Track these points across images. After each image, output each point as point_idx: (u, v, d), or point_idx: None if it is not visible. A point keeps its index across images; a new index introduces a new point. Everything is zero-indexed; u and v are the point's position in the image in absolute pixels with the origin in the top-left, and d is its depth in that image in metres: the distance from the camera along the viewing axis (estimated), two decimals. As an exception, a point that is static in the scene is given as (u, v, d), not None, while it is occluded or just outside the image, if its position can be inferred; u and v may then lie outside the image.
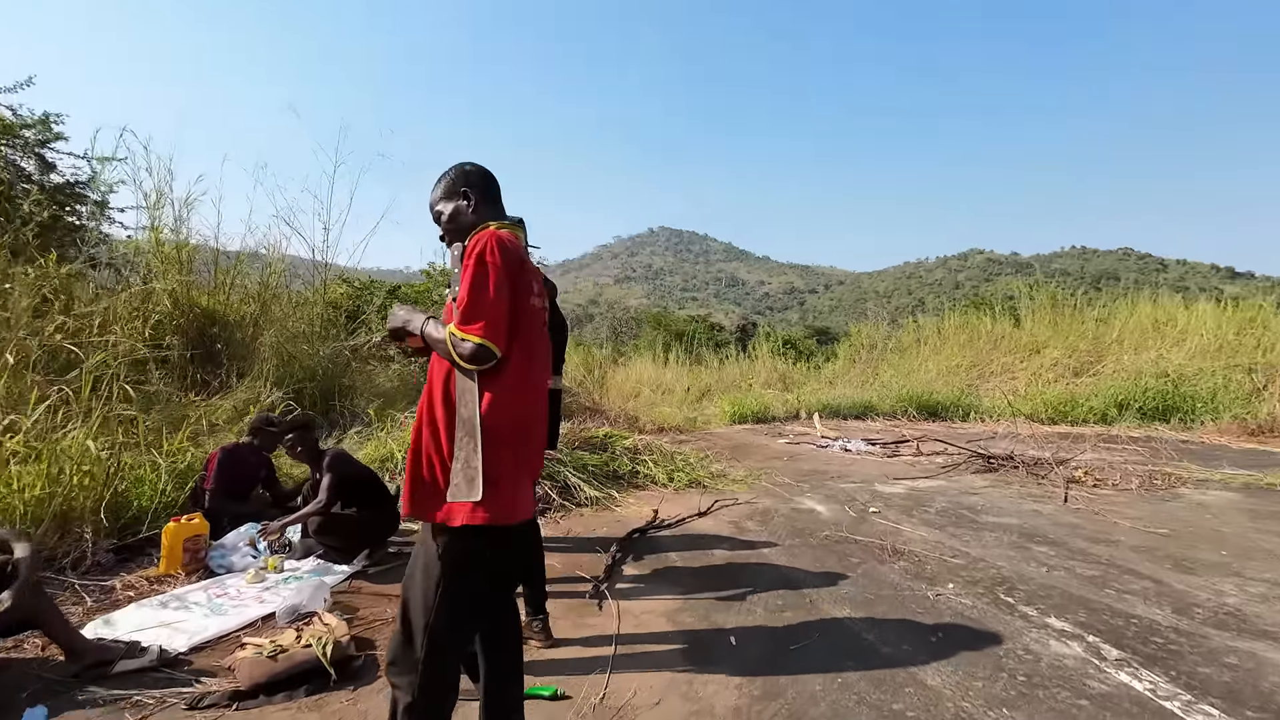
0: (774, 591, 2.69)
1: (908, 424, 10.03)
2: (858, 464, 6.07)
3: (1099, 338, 13.03)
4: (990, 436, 8.41)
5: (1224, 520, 3.91)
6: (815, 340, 26.91)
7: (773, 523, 3.83)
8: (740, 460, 6.19)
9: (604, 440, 4.99)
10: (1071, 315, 14.31)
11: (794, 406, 10.46)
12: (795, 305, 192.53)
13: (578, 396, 8.53)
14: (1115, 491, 4.75)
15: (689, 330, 24.54)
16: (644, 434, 8.17)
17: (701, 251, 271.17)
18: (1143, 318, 13.32)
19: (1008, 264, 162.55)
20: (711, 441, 7.64)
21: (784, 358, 17.35)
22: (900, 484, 5.02)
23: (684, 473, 4.87)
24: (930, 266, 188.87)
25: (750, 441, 7.65)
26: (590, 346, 24.32)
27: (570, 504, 4.09)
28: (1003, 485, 4.97)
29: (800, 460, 6.26)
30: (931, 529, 3.69)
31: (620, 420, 8.09)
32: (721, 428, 9.14)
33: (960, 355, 14.35)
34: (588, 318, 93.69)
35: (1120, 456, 6.57)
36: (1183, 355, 11.14)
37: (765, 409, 9.94)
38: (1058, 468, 5.38)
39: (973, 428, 9.74)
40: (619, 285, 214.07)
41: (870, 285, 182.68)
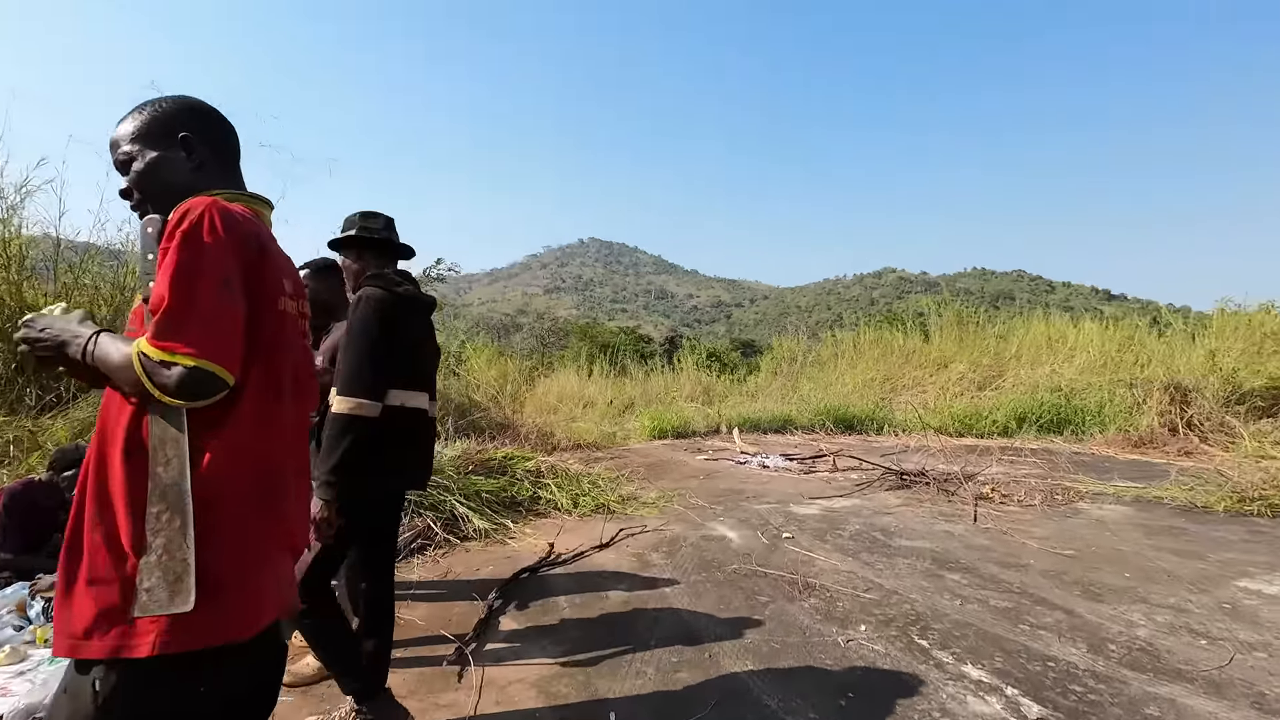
0: (671, 647, 2.34)
1: (825, 438, 10.10)
2: (774, 482, 5.89)
3: (999, 353, 13.72)
4: (903, 450, 8.52)
5: (1122, 537, 3.93)
6: (740, 353, 27.31)
7: (680, 554, 3.51)
8: (655, 480, 5.88)
9: (503, 462, 4.53)
10: (975, 332, 15.04)
11: (715, 421, 10.31)
12: (722, 318, 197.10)
13: (487, 412, 7.98)
14: (1021, 508, 4.77)
15: (614, 342, 24.28)
16: (559, 451, 7.73)
17: (631, 264, 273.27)
18: (1037, 335, 14.14)
19: (918, 282, 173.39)
20: (628, 459, 7.31)
21: (708, 370, 17.32)
22: (815, 504, 4.85)
23: (591, 497, 4.49)
24: (848, 283, 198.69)
25: (668, 458, 7.37)
26: (511, 358, 23.62)
27: (455, 538, 3.60)
28: (915, 503, 4.89)
29: (717, 478, 6.02)
30: (845, 556, 3.48)
31: (533, 438, 7.61)
32: (640, 444, 8.83)
33: (874, 369, 14.77)
34: (515, 327, 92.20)
35: (1023, 470, 6.74)
36: (1073, 370, 11.85)
37: (686, 424, 9.73)
38: (966, 483, 5.39)
39: (887, 441, 9.90)
40: (548, 295, 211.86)
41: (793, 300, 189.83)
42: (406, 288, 1.97)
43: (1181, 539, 3.92)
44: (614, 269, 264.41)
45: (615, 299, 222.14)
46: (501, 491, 4.15)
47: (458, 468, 4.18)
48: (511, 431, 7.67)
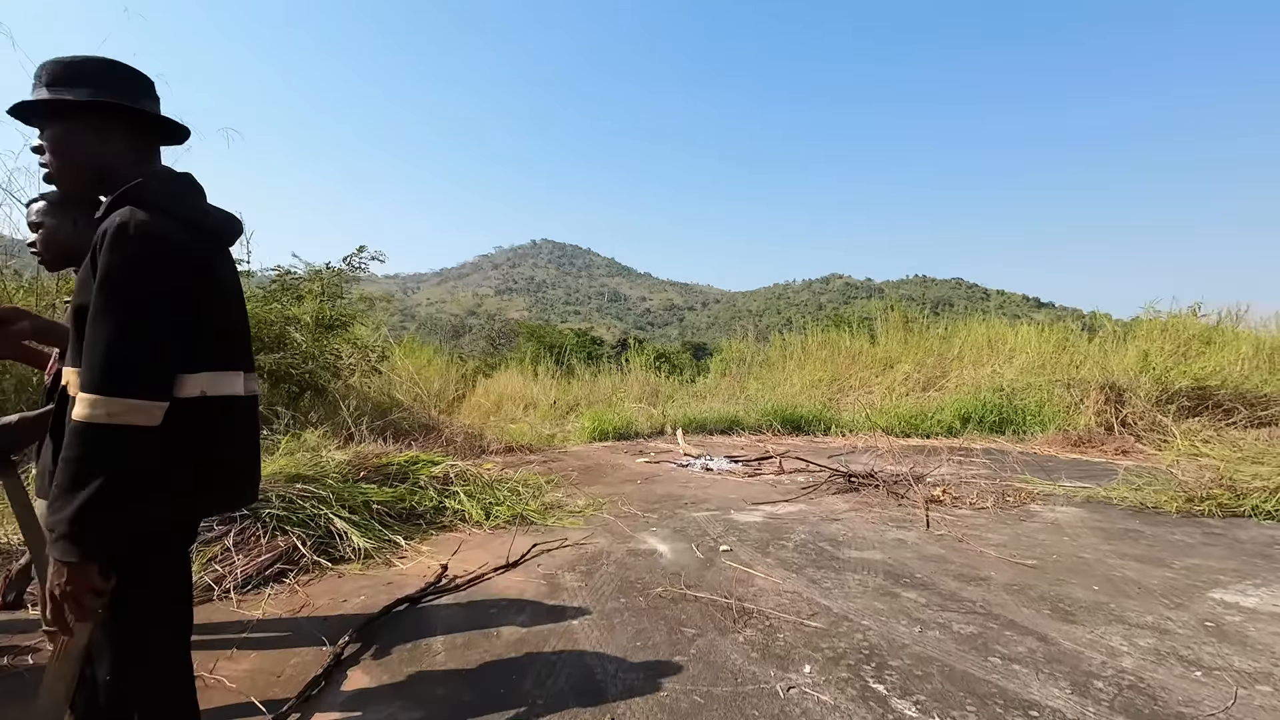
0: (563, 711, 1.81)
1: (772, 439, 9.78)
2: (717, 485, 5.45)
3: (943, 354, 13.79)
4: (851, 451, 8.25)
5: (1081, 543, 3.65)
6: (691, 355, 27.06)
7: (599, 574, 2.98)
8: (588, 485, 5.34)
9: (404, 468, 3.90)
10: (920, 333, 15.12)
11: (659, 421, 9.85)
12: (675, 321, 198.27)
13: (410, 413, 7.26)
14: (973, 511, 4.46)
15: (562, 342, 23.63)
16: (487, 455, 7.09)
17: (585, 265, 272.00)
18: (978, 337, 14.30)
19: (863, 289, 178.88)
20: (562, 462, 6.74)
21: (657, 372, 16.88)
22: (759, 510, 4.41)
23: (507, 506, 3.91)
24: (797, 289, 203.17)
25: (606, 461, 6.84)
26: (453, 358, 22.63)
27: (327, 560, 2.97)
28: (864, 508, 4.52)
29: (656, 482, 5.53)
30: (789, 572, 3.03)
31: (459, 440, 6.96)
32: (579, 446, 8.27)
33: (822, 370, 14.64)
34: (465, 329, 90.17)
35: (971, 470, 6.53)
36: (1013, 371, 11.94)
37: (629, 425, 9.23)
38: (917, 485, 5.08)
39: (834, 442, 9.66)
40: (500, 296, 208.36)
41: (744, 304, 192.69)
42: (201, 205, 1.30)
43: (1141, 543, 3.66)
44: (567, 271, 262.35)
45: (568, 301, 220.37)
46: (398, 502, 3.54)
47: (345, 474, 3.54)
48: (436, 434, 7.00)
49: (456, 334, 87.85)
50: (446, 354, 24.41)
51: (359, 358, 7.73)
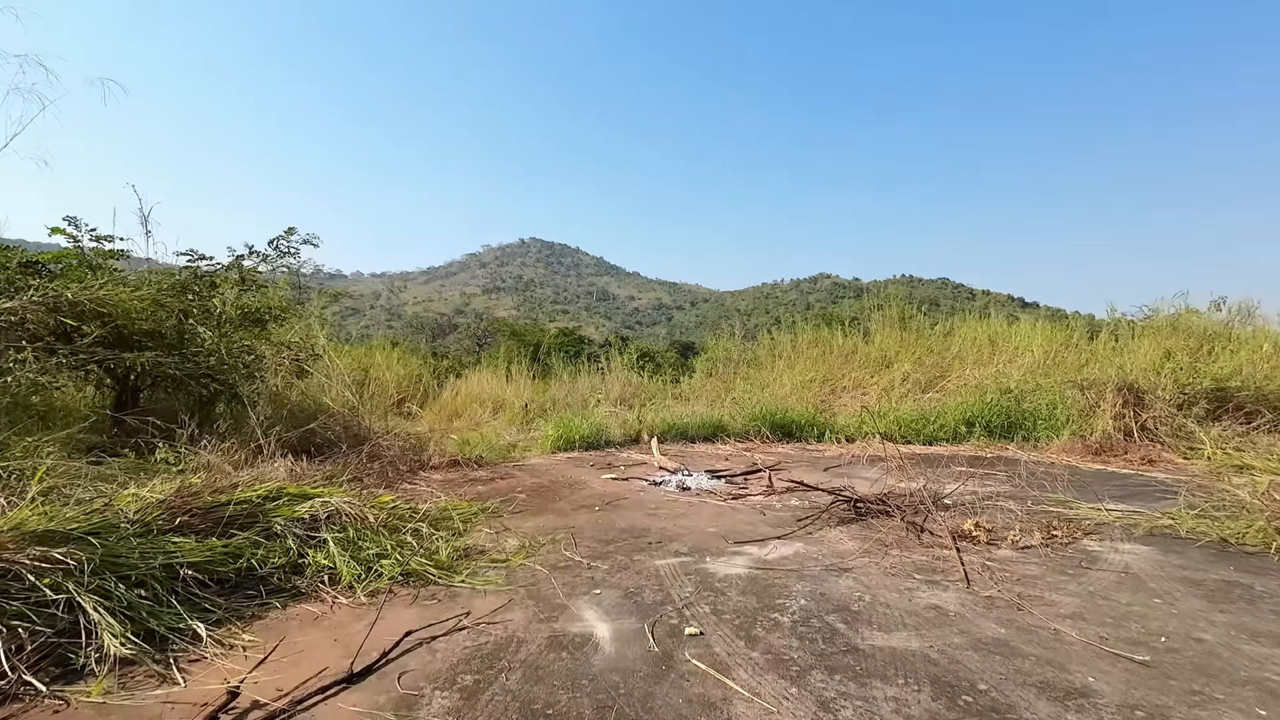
0: None
1: (761, 446, 8.78)
2: (693, 512, 4.41)
3: (942, 353, 12.87)
4: (849, 462, 7.25)
5: (1182, 608, 2.65)
6: (678, 353, 26.03)
7: (489, 695, 1.91)
8: (534, 514, 4.28)
9: (254, 507, 2.82)
10: (916, 331, 14.20)
11: (635, 427, 8.79)
12: (664, 320, 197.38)
13: (337, 420, 6.16)
14: (1018, 552, 3.46)
15: (543, 341, 22.53)
16: (426, 471, 6.00)
17: (573, 264, 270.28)
18: (979, 334, 13.40)
19: (851, 288, 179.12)
20: (514, 479, 5.67)
21: (640, 371, 15.81)
22: (743, 553, 3.38)
23: (397, 557, 2.84)
24: (785, 288, 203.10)
25: (566, 478, 5.78)
26: (427, 357, 21.41)
27: (44, 681, 1.86)
28: (878, 549, 3.50)
29: (619, 509, 4.48)
30: (783, 679, 2.00)
31: (393, 455, 5.86)
32: (539, 457, 7.19)
33: (813, 370, 13.65)
34: (451, 327, 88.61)
35: (992, 487, 5.55)
36: (1019, 371, 11.02)
37: (599, 432, 8.16)
38: (937, 512, 4.07)
39: (829, 450, 8.68)
40: (488, 295, 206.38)
41: (733, 303, 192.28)
42: None
43: (1264, 609, 2.66)
44: (555, 269, 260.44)
45: (557, 300, 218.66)
46: (230, 561, 2.47)
47: (149, 522, 2.45)
48: (362, 445, 5.90)
49: (443, 332, 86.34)
50: (422, 353, 23.24)
51: (281, 356, 6.60)
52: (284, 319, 7.25)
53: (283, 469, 5.09)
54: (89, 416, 6.24)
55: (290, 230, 7.35)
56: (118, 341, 5.62)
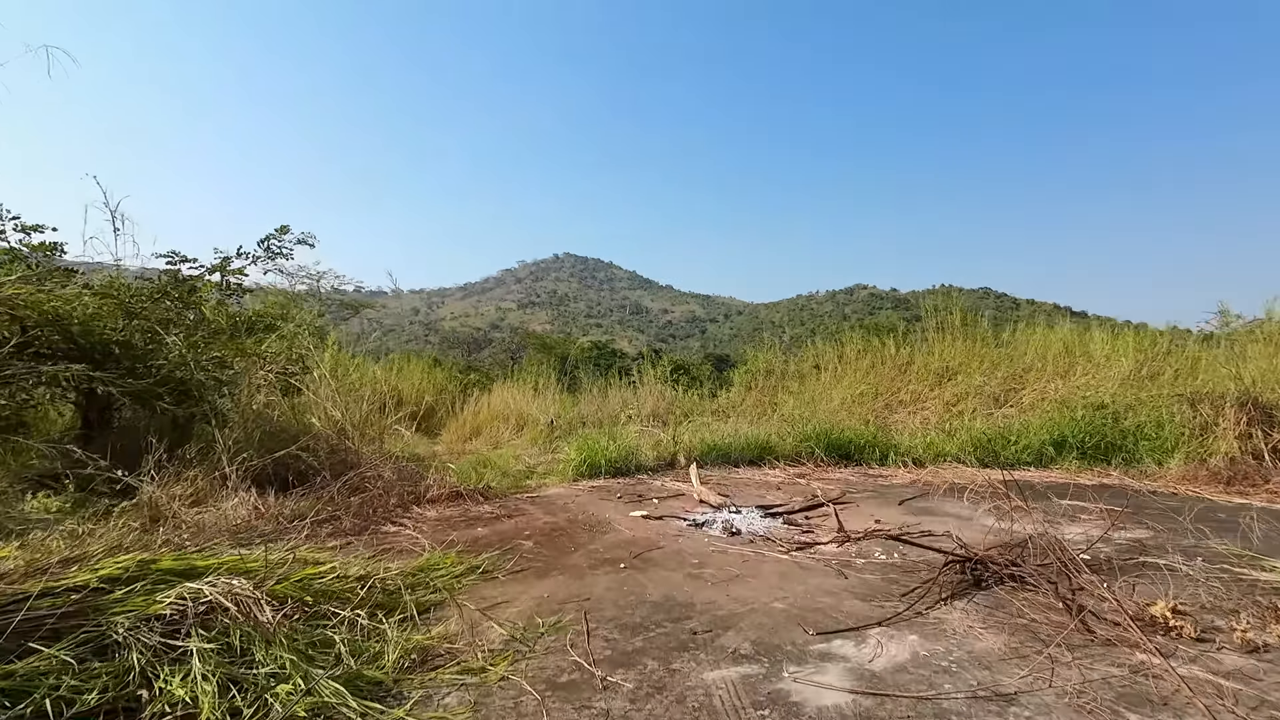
0: None
1: (816, 471, 7.62)
2: (750, 572, 3.33)
3: (1014, 363, 11.47)
4: (925, 492, 6.05)
5: None
6: (712, 366, 24.86)
7: None
8: (540, 572, 3.28)
9: (95, 594, 1.85)
10: (982, 339, 12.80)
11: (670, 449, 7.72)
12: (697, 333, 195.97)
13: (325, 443, 5.28)
14: (1248, 656, 2.29)
15: (569, 352, 21.69)
16: (422, 505, 5.05)
17: (606, 279, 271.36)
18: (1053, 342, 11.97)
19: (888, 299, 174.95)
20: (524, 518, 4.67)
21: (674, 385, 14.73)
22: (836, 658, 2.29)
23: (304, 677, 1.83)
24: (821, 299, 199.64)
25: (587, 515, 4.76)
26: (452, 369, 20.75)
27: None
28: (1031, 643, 2.38)
29: (653, 566, 3.44)
30: None
31: (379, 486, 4.94)
32: (558, 486, 6.18)
33: (864, 382, 12.39)
34: (487, 342, 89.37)
35: (1124, 532, 4.31)
36: (1113, 384, 9.58)
37: (630, 455, 7.12)
38: (1082, 575, 2.90)
39: (896, 475, 7.48)
40: (523, 310, 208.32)
41: (767, 315, 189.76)
42: None
43: None
44: (589, 284, 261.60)
45: (590, 314, 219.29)
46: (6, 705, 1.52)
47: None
48: (357, 474, 5.00)
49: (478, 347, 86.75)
50: (449, 366, 22.63)
51: (266, 370, 5.78)
52: (276, 327, 6.43)
53: (244, 505, 4.19)
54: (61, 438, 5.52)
55: (283, 229, 6.57)
56: (75, 353, 4.86)
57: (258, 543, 3.66)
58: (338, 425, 5.47)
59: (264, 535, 3.77)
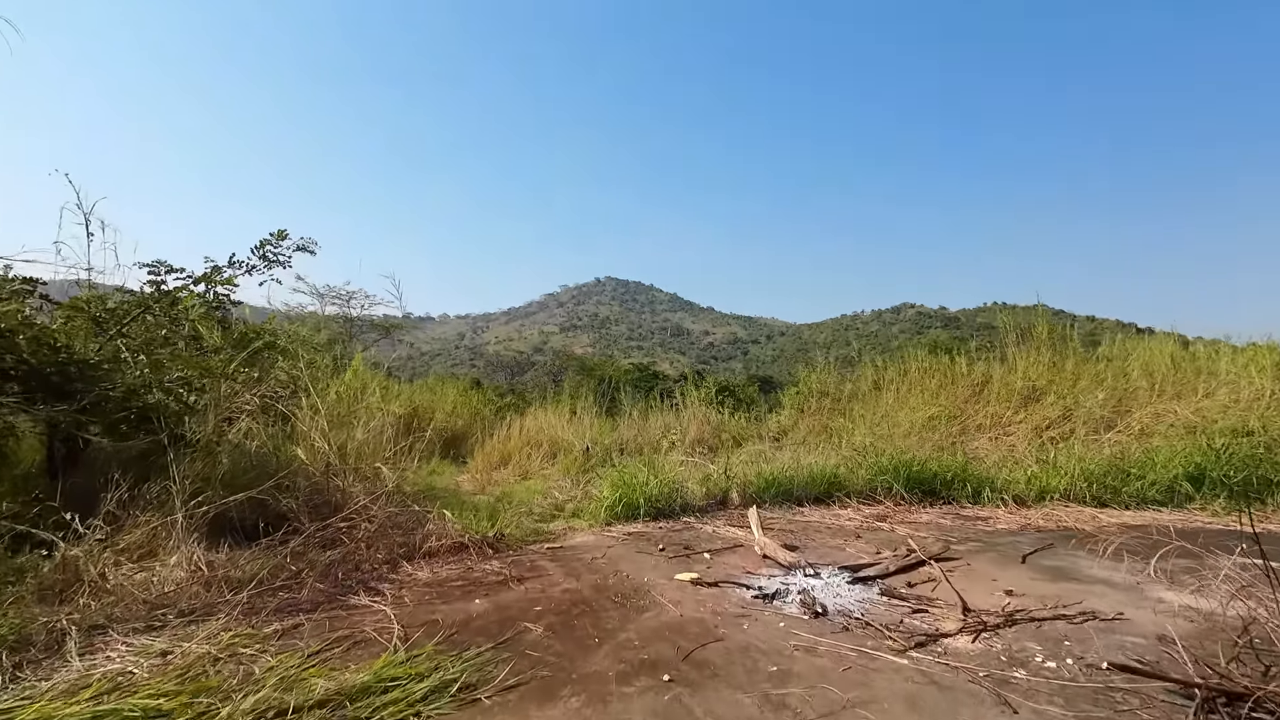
0: None
1: (896, 510, 6.35)
2: (861, 702, 2.20)
3: (1115, 381, 9.91)
4: (1047, 544, 4.73)
5: None
6: (758, 388, 23.53)
7: None
8: (544, 689, 2.24)
9: None
10: (1076, 355, 11.23)
11: (722, 484, 6.57)
12: (739, 355, 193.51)
13: (309, 478, 4.40)
14: None
15: (610, 375, 20.75)
16: (416, 562, 4.07)
17: (648, 301, 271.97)
18: (1161, 357, 10.36)
19: (937, 318, 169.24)
20: (538, 584, 3.63)
21: (719, 408, 13.55)
22: None
23: None
24: (866, 319, 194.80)
25: (618, 580, 3.68)
26: (489, 392, 20.06)
27: None
28: None
29: (709, 685, 2.33)
30: None
31: (367, 537, 3.99)
32: (588, 533, 5.11)
33: (933, 403, 10.95)
34: (530, 365, 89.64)
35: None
36: (1260, 408, 7.99)
37: (673, 491, 6.00)
38: None
39: (996, 516, 6.18)
40: (565, 334, 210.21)
41: (810, 336, 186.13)
42: None
43: None
44: (630, 307, 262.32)
45: (631, 336, 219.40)
46: None
47: None
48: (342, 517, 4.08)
49: (521, 370, 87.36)
50: (486, 389, 21.98)
51: (250, 393, 4.96)
52: (275, 345, 5.64)
53: (184, 565, 3.29)
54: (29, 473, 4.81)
55: (281, 233, 5.80)
56: (24, 375, 4.13)
57: (175, 622, 2.73)
58: (325, 458, 4.56)
59: (188, 611, 2.83)
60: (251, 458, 4.53)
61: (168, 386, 4.27)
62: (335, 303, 13.86)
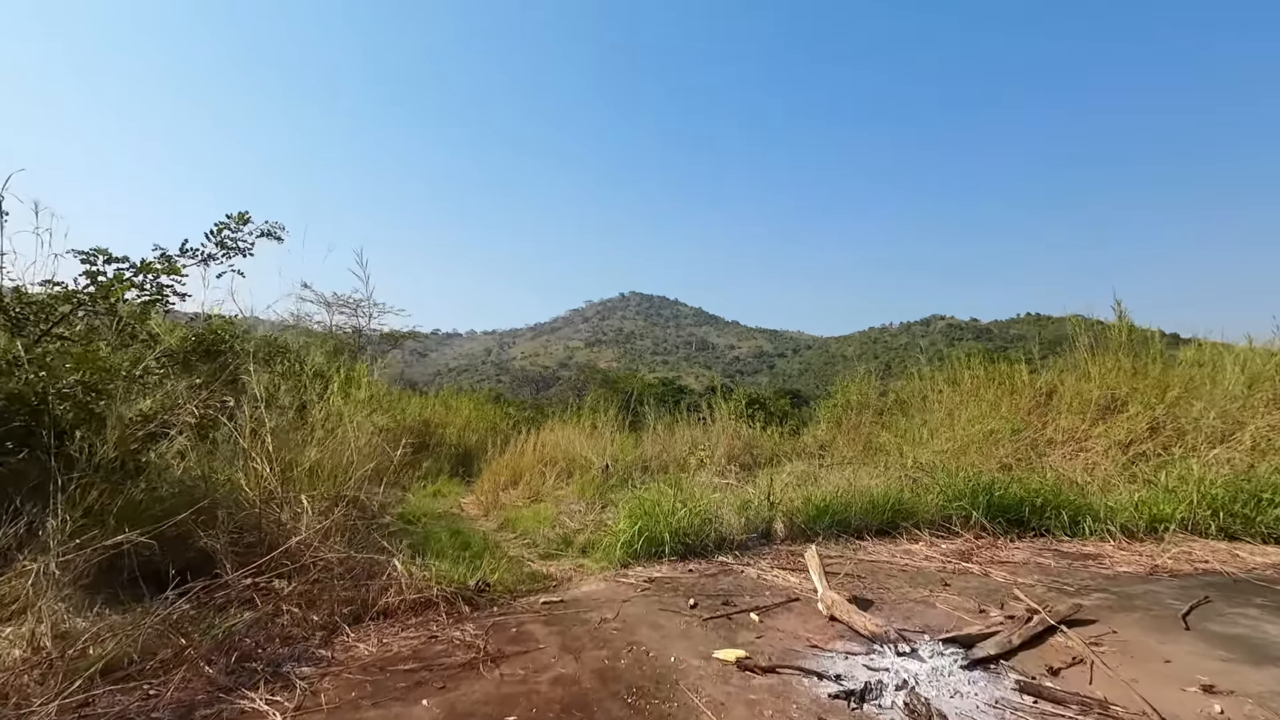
0: None
1: (979, 545, 5.16)
2: None
3: (1213, 391, 8.55)
4: (1201, 599, 3.48)
5: None
6: (789, 400, 22.26)
7: None
8: None
9: None
10: (1160, 360, 9.88)
11: (764, 512, 5.44)
12: (765, 369, 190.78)
13: (238, 510, 3.45)
14: None
15: (632, 388, 19.71)
16: (363, 626, 3.06)
17: (672, 316, 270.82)
18: (1269, 365, 8.98)
19: (968, 329, 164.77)
20: (521, 664, 2.59)
21: (750, 421, 12.37)
22: None
23: None
24: (895, 331, 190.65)
25: (634, 661, 2.63)
26: (508, 405, 19.20)
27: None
28: None
29: None
30: None
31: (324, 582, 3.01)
32: (598, 580, 4.03)
33: (992, 417, 9.65)
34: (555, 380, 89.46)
35: None
36: None
37: (706, 522, 4.89)
38: None
39: (1105, 553, 4.99)
40: (590, 348, 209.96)
41: (838, 349, 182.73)
42: None
43: None
44: (655, 321, 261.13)
45: (656, 351, 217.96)
46: None
47: None
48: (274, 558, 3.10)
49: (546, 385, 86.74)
50: (506, 403, 21.09)
51: (188, 406, 4.05)
52: (221, 347, 4.73)
53: (23, 640, 2.31)
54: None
55: (242, 216, 4.93)
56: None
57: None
58: (265, 485, 3.60)
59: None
60: (175, 484, 3.59)
61: (66, 392, 3.36)
62: (344, 311, 13.19)
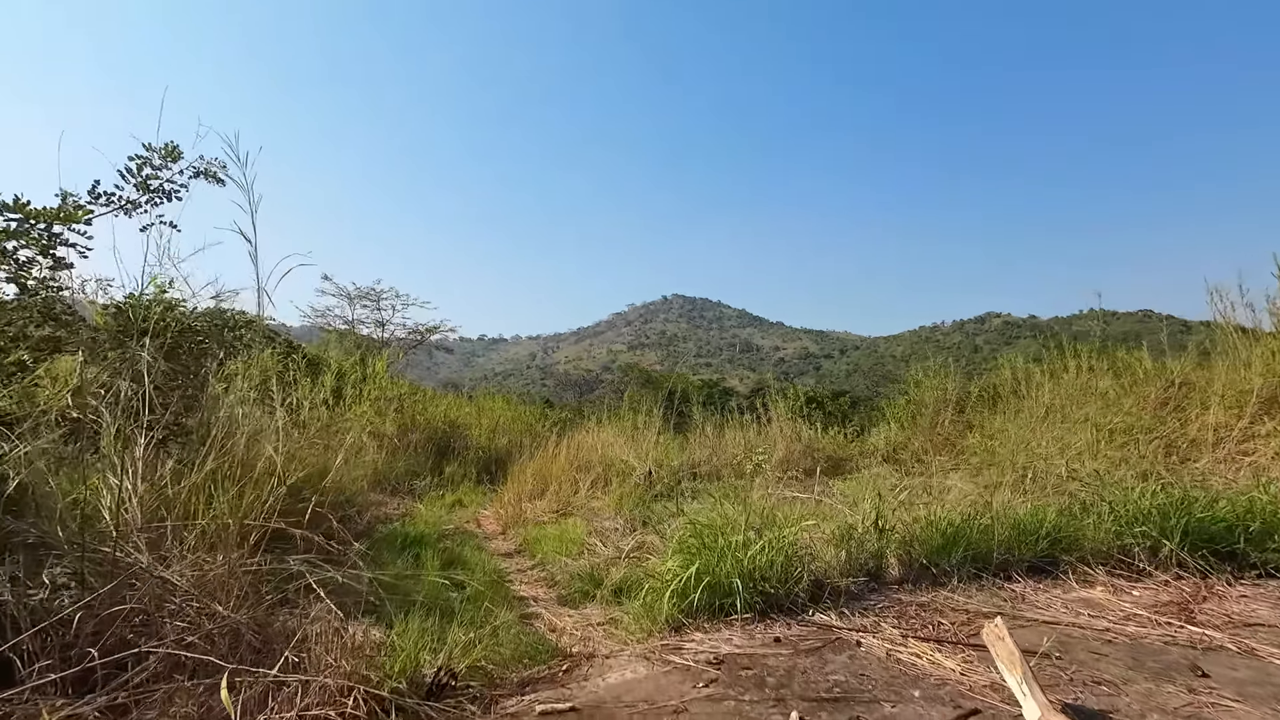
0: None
1: (1194, 593, 3.50)
2: None
3: None
4: None
5: None
6: (846, 401, 20.43)
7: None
8: None
9: None
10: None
11: (869, 541, 3.90)
12: (811, 370, 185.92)
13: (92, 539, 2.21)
14: None
15: (677, 387, 18.25)
16: None
17: (715, 318, 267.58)
18: None
19: (1026, 327, 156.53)
20: None
21: (807, 422, 10.80)
22: None
23: None
24: (947, 330, 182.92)
25: None
26: (543, 406, 18.09)
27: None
28: None
29: None
30: None
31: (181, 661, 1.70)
32: (634, 659, 2.62)
33: (1112, 414, 7.76)
34: (598, 382, 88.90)
35: None
36: None
37: (790, 560, 3.41)
38: None
39: None
40: (633, 351, 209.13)
41: (887, 349, 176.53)
42: None
43: None
44: (698, 324, 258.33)
45: (699, 353, 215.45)
46: None
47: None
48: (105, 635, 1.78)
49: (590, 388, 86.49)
50: (541, 404, 19.97)
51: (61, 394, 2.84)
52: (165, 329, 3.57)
53: None
54: None
55: (171, 149, 3.75)
56: None
57: None
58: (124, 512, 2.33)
59: None
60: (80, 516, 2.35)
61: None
62: (365, 305, 12.27)
